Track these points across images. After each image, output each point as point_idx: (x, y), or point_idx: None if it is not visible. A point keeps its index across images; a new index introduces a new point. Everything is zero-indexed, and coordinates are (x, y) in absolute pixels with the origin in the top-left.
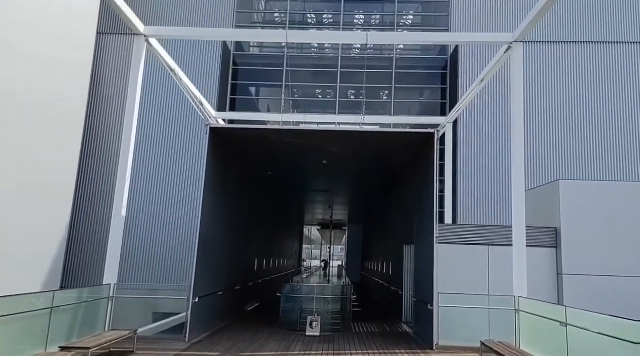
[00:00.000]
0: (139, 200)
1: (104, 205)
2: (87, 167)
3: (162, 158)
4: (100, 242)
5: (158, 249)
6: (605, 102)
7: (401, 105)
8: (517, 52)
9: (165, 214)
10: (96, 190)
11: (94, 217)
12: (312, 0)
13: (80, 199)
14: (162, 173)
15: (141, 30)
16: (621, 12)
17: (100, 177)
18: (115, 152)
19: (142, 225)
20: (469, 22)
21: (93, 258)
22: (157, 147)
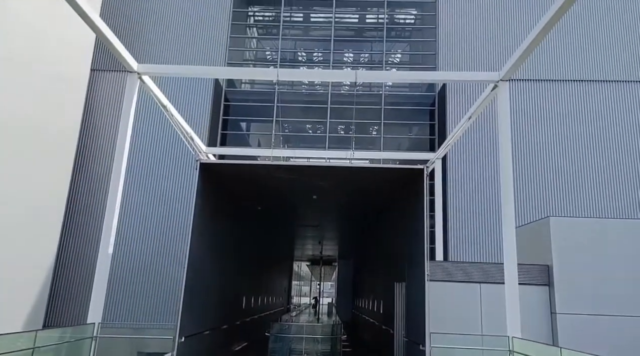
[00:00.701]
0: (127, 235)
1: (91, 241)
2: (76, 202)
3: (151, 194)
4: (85, 278)
5: (144, 285)
6: (594, 139)
7: (390, 140)
8: (504, 91)
9: (152, 250)
10: (84, 226)
11: (81, 252)
12: (303, 39)
13: (67, 234)
14: (151, 209)
15: (134, 67)
16: (607, 52)
17: (88, 212)
18: (104, 187)
19: (129, 261)
20: (456, 59)
21: (78, 295)
22: (146, 182)
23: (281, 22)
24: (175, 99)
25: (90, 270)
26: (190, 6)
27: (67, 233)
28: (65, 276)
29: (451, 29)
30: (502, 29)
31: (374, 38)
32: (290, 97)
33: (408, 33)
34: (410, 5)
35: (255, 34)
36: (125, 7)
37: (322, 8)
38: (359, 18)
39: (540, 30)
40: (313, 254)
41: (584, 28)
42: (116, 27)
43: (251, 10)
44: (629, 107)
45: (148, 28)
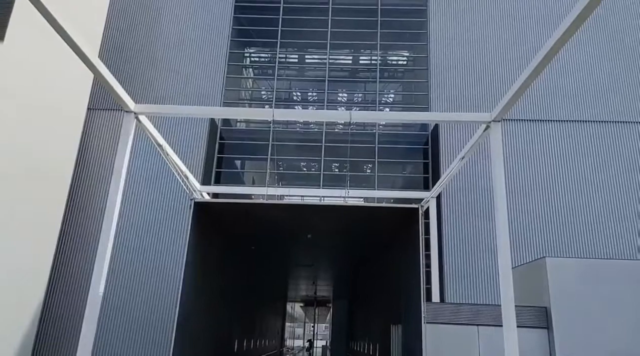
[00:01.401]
0: (118, 274)
1: (81, 280)
2: (67, 239)
3: (144, 233)
4: (75, 319)
5: (135, 325)
6: (590, 179)
7: (384, 178)
8: (496, 131)
9: (144, 289)
10: (73, 269)
11: (70, 292)
12: (298, 79)
13: (55, 279)
14: (143, 248)
15: (131, 107)
16: (600, 93)
17: (78, 253)
18: (97, 226)
19: (119, 301)
20: (448, 99)
21: (67, 335)
22: (139, 221)
23: (277, 63)
24: (170, 137)
25: (80, 309)
26: (188, 47)
27: (57, 271)
28: (54, 316)
29: (443, 70)
30: (494, 69)
31: (367, 78)
32: (285, 135)
33: (401, 74)
34: (403, 48)
35: (251, 74)
36: (123, 48)
37: (317, 50)
38: (352, 59)
39: (531, 72)
40: (307, 294)
41: (577, 69)
42: (114, 66)
43: (247, 51)
44: (624, 147)
45: (145, 68)
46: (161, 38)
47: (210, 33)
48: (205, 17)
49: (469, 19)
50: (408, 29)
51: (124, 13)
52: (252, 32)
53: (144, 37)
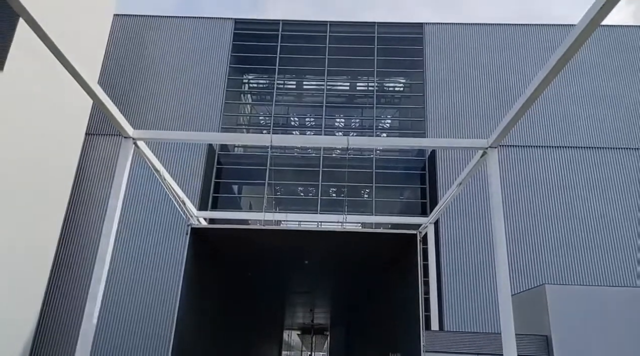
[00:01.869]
0: (113, 300)
1: (75, 306)
2: (63, 263)
3: (140, 258)
4: (68, 345)
5: (130, 353)
6: (588, 205)
7: (382, 204)
8: (493, 158)
9: (139, 316)
10: (69, 291)
11: (64, 319)
12: (295, 105)
13: (50, 300)
14: (138, 273)
15: (130, 133)
16: (597, 119)
17: (74, 276)
18: (92, 251)
19: (114, 327)
20: (444, 125)
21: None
22: (135, 246)
23: (275, 89)
24: (168, 162)
25: (74, 335)
26: (187, 73)
27: (51, 297)
28: (47, 343)
29: (439, 96)
30: (490, 95)
31: (364, 104)
32: (283, 160)
33: (397, 100)
34: (399, 74)
35: (250, 100)
36: (122, 72)
37: (314, 76)
38: (349, 85)
39: (525, 101)
40: (304, 322)
41: (575, 95)
42: (113, 91)
43: (246, 77)
44: (623, 173)
45: (144, 93)
46: (161, 64)
47: (210, 60)
48: (205, 45)
49: (464, 47)
50: (404, 56)
51: (124, 37)
52: (251, 59)
53: (143, 62)
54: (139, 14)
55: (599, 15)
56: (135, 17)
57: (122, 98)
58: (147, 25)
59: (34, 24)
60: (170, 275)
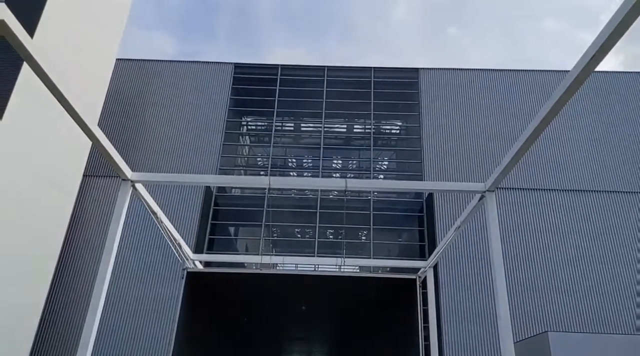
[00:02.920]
0: (106, 342)
1: (67, 349)
2: (55, 306)
3: (133, 301)
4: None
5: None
6: (590, 249)
7: (380, 246)
8: (491, 201)
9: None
10: (61, 333)
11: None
12: (293, 147)
13: (40, 347)
14: (132, 316)
15: (128, 176)
16: (597, 162)
17: (67, 318)
18: (85, 296)
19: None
20: (442, 167)
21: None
22: (129, 289)
23: (273, 131)
24: (165, 203)
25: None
26: (186, 116)
27: (43, 338)
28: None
29: (435, 139)
30: (486, 137)
31: (361, 146)
32: (280, 201)
33: (394, 142)
34: (395, 117)
35: (248, 142)
36: (122, 115)
37: (312, 118)
38: (347, 128)
39: (522, 144)
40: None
41: (570, 138)
42: (112, 132)
43: (244, 120)
44: (621, 216)
45: (143, 135)
46: (161, 107)
47: (210, 103)
48: (205, 88)
49: (459, 91)
50: (400, 100)
51: (126, 80)
52: (250, 101)
53: (143, 104)
54: (141, 59)
55: (592, 62)
56: (137, 62)
57: (121, 139)
58: (148, 69)
59: (37, 67)
60: (163, 320)
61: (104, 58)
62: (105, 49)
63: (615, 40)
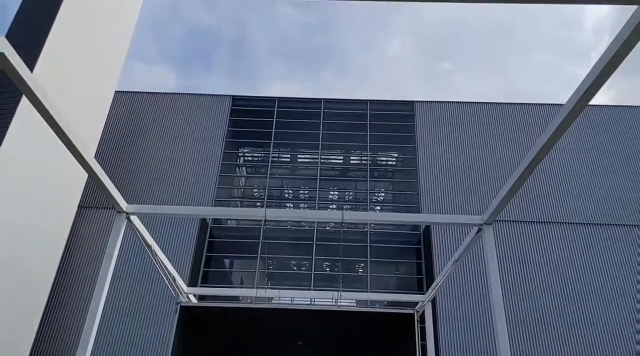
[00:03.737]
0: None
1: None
2: (47, 338)
3: (125, 335)
4: None
5: None
6: (585, 282)
7: (377, 279)
8: (488, 234)
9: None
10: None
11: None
12: (290, 178)
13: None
14: (123, 352)
15: (124, 208)
16: (591, 196)
17: (57, 353)
18: (77, 328)
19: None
20: (438, 199)
21: None
22: (120, 324)
23: (269, 162)
24: (160, 235)
25: None
26: (183, 147)
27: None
28: None
29: (431, 170)
30: (483, 169)
31: (358, 177)
32: (276, 233)
33: (390, 173)
34: (392, 149)
35: (244, 173)
36: (119, 146)
37: (309, 150)
38: (343, 159)
39: (517, 178)
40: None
41: (568, 170)
42: (108, 163)
43: (241, 151)
44: (622, 250)
45: (139, 166)
46: (158, 138)
47: (207, 135)
48: (203, 120)
49: (454, 124)
50: (396, 132)
51: (124, 112)
52: (247, 133)
53: (140, 136)
54: (139, 91)
55: (586, 96)
56: (136, 94)
57: (118, 170)
58: (147, 101)
59: (36, 100)
60: (156, 355)
61: (103, 91)
62: (104, 81)
63: (608, 74)
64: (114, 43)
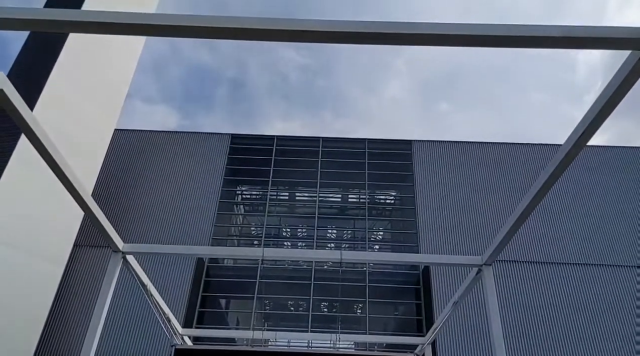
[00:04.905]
0: None
1: None
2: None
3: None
4: None
5: None
6: (587, 324)
7: (376, 320)
8: (488, 275)
9: None
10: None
11: None
12: (288, 216)
13: None
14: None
15: (120, 247)
16: (591, 237)
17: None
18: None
19: None
20: (437, 238)
21: None
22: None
23: (267, 200)
24: (155, 274)
25: None
26: (181, 185)
27: None
28: None
29: (429, 209)
30: (481, 209)
31: (356, 216)
32: (273, 272)
33: (389, 212)
34: (390, 187)
35: (242, 211)
36: (117, 184)
37: (307, 188)
38: (341, 197)
39: (516, 219)
40: None
41: (567, 211)
42: (105, 202)
43: (239, 189)
44: (621, 291)
45: (137, 204)
46: (156, 176)
47: (205, 173)
48: (202, 159)
49: (452, 163)
50: (394, 170)
51: (123, 150)
52: (245, 171)
53: (138, 173)
54: (138, 129)
55: (583, 138)
56: (135, 132)
57: (115, 208)
58: (146, 139)
59: (36, 139)
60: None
61: (102, 129)
62: (104, 120)
63: (606, 115)
64: (115, 83)
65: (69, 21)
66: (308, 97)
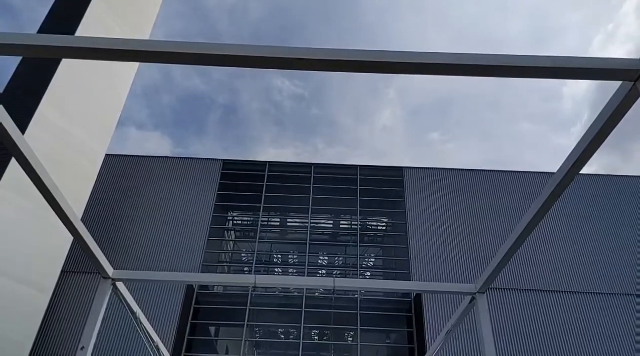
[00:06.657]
0: None
1: None
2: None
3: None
4: None
5: None
6: (581, 352)
7: (368, 348)
8: (482, 303)
9: None
10: None
11: None
12: (279, 242)
13: None
14: None
15: (110, 274)
16: (585, 265)
17: None
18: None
19: None
20: (429, 265)
21: None
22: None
23: (259, 226)
24: (144, 301)
25: None
26: (172, 211)
27: None
28: None
29: (421, 236)
30: (472, 236)
31: (348, 242)
32: (264, 299)
33: (380, 239)
34: (381, 214)
35: (233, 237)
36: (107, 209)
37: (299, 214)
38: (333, 224)
39: (510, 247)
40: None
41: (561, 239)
42: (95, 228)
43: (230, 215)
44: (617, 319)
45: (127, 230)
46: (146, 202)
47: (196, 199)
48: (193, 184)
49: (444, 189)
50: (386, 197)
51: (113, 175)
52: (237, 197)
53: (128, 199)
54: (130, 155)
55: (576, 166)
56: (126, 158)
57: (105, 233)
58: (137, 164)
59: (26, 163)
60: None
61: (93, 154)
62: (95, 145)
63: (597, 144)
64: (107, 108)
65: (63, 47)
66: (300, 124)
